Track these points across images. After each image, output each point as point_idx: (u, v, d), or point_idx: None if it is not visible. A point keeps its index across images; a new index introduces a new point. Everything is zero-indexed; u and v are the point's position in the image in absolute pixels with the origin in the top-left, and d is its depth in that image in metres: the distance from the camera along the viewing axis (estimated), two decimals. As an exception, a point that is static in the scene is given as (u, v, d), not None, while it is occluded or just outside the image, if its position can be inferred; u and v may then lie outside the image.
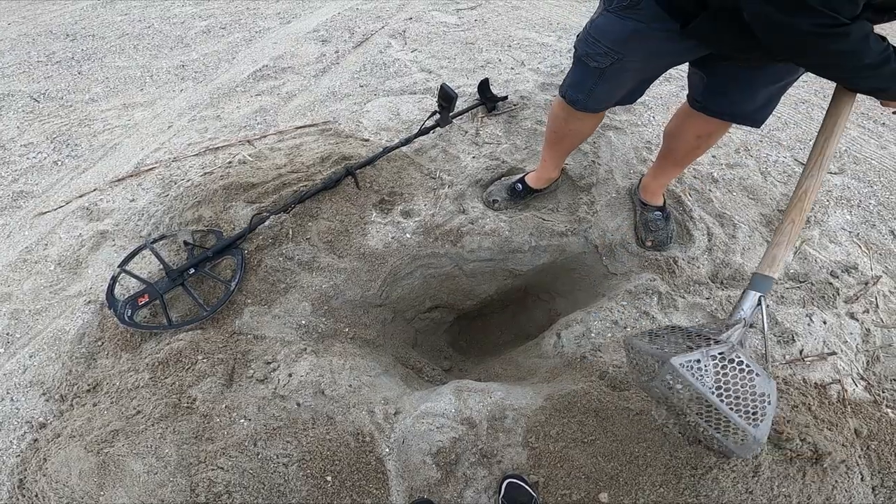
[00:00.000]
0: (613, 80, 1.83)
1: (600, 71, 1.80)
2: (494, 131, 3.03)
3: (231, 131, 3.27)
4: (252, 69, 4.00)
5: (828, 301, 2.25)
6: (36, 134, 3.42)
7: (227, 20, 4.93)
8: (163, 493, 1.70)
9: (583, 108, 2.01)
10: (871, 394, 2.06)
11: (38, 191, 2.96)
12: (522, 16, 4.63)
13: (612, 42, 1.69)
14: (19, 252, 2.56)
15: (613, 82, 1.85)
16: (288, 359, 2.09)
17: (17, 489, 1.77)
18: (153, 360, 2.04)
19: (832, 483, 1.77)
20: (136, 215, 2.66)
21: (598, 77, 1.83)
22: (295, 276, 2.35)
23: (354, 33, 4.44)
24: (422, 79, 3.68)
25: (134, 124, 3.48)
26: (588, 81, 1.89)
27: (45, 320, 2.26)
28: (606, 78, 1.82)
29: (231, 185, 2.56)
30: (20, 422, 1.96)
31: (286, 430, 1.88)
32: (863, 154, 3.02)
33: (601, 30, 1.71)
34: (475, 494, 1.80)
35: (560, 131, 2.29)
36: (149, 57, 4.37)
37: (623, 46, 1.68)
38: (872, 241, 2.54)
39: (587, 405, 1.93)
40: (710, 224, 2.47)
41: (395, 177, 2.71)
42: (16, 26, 5.13)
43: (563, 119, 2.19)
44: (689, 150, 2.19)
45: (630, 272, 2.47)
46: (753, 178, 2.77)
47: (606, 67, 1.76)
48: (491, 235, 2.54)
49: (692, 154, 2.23)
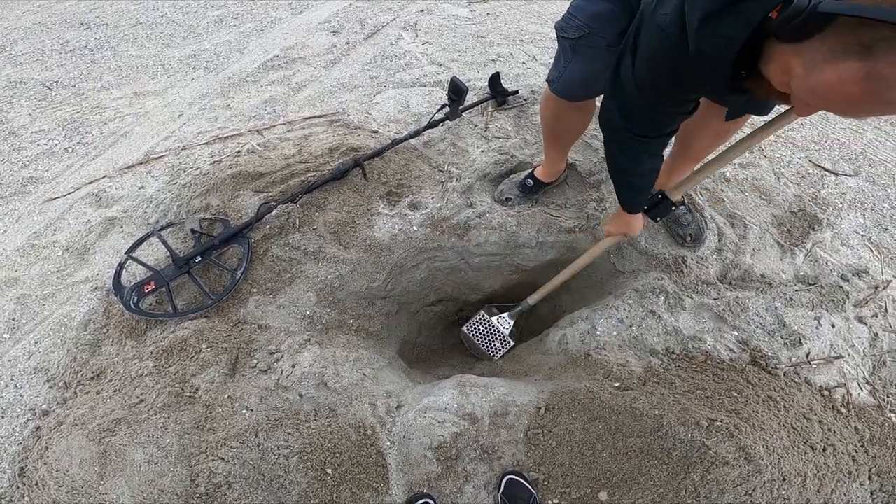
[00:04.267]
0: (585, 57, 1.84)
1: (572, 44, 1.83)
2: (504, 126, 3.01)
3: (241, 121, 3.27)
4: (263, 59, 3.99)
5: (837, 304, 2.22)
6: (47, 121, 3.44)
7: (239, 10, 4.93)
8: (163, 483, 1.71)
9: (557, 91, 2.02)
10: (876, 398, 2.04)
11: (48, 177, 2.98)
12: (535, 10, 4.59)
13: (587, 17, 1.74)
14: (27, 237, 2.57)
15: (585, 61, 1.86)
16: (291, 349, 2.09)
17: (17, 477, 1.79)
18: (157, 349, 2.04)
19: (831, 486, 1.76)
20: (144, 202, 2.67)
21: (572, 52, 1.87)
22: (301, 266, 2.35)
23: (365, 25, 4.42)
24: (432, 71, 3.66)
25: (145, 112, 3.48)
26: (562, 58, 1.93)
27: (52, 306, 2.28)
28: (578, 53, 1.85)
29: (239, 174, 2.56)
30: (23, 409, 1.97)
31: (288, 422, 1.88)
32: (878, 157, 2.97)
33: (579, 7, 1.77)
34: (475, 490, 1.80)
35: (552, 129, 2.32)
36: (161, 46, 4.38)
37: (595, 21, 1.72)
38: (885, 245, 2.50)
39: (590, 403, 1.91)
40: (720, 224, 2.44)
41: (404, 169, 2.70)
42: (30, 15, 5.15)
43: (552, 116, 2.22)
44: (706, 146, 2.16)
45: (637, 270, 2.44)
46: (766, 179, 2.73)
47: (577, 39, 1.79)
48: (498, 230, 2.53)
49: (708, 151, 2.20)
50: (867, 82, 0.86)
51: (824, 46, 0.89)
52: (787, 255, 2.39)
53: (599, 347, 2.20)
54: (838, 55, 0.88)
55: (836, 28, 0.87)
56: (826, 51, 0.89)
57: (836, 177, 2.82)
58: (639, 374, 2.07)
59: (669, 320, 2.20)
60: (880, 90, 0.86)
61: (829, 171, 2.85)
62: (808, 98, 0.99)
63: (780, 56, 1.00)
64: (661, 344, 2.16)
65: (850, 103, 0.93)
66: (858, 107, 0.93)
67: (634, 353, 2.16)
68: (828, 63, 0.90)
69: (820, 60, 0.91)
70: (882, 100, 0.88)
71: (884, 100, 0.88)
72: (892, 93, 0.86)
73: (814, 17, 0.86)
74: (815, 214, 2.53)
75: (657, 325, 2.20)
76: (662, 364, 2.10)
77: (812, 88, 0.96)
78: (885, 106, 0.90)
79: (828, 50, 0.89)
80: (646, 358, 2.13)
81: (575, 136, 2.34)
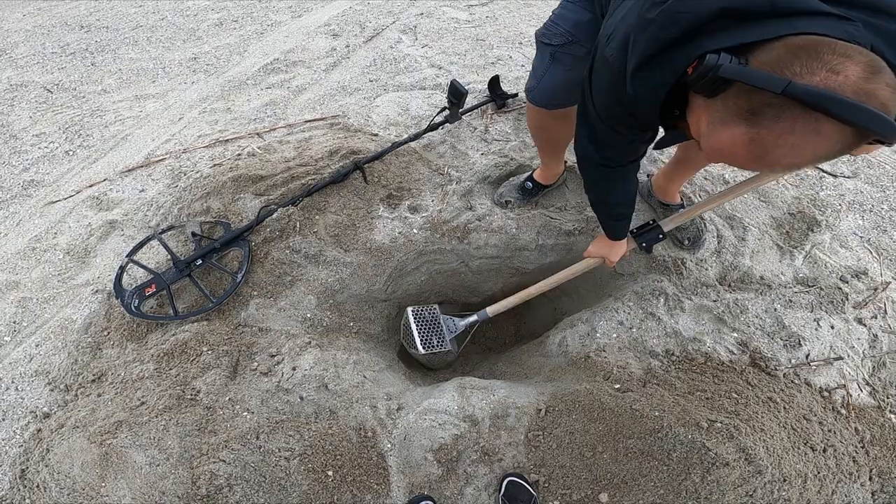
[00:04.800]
0: (565, 65, 1.85)
1: (552, 51, 1.84)
2: (503, 128, 3.02)
3: (241, 124, 3.28)
4: (263, 62, 4.00)
5: (836, 306, 2.23)
6: (48, 124, 3.45)
7: (240, 13, 4.94)
8: (164, 486, 1.71)
9: (534, 100, 2.03)
10: (876, 399, 2.04)
11: (49, 180, 2.98)
12: (534, 13, 4.60)
13: (570, 25, 1.76)
14: (28, 240, 2.58)
15: (565, 69, 1.86)
16: (292, 352, 2.09)
17: (18, 479, 1.79)
18: (158, 351, 2.05)
19: (831, 487, 1.76)
20: (145, 205, 2.67)
21: (551, 59, 1.87)
22: (301, 269, 2.35)
23: (365, 28, 4.44)
24: (432, 74, 3.67)
25: (145, 116, 3.49)
26: (541, 66, 1.94)
27: (53, 309, 2.28)
28: (558, 61, 1.86)
29: (240, 177, 2.57)
30: (24, 411, 1.98)
31: (289, 424, 1.88)
32: (877, 158, 2.98)
33: (561, 16, 1.80)
34: (475, 492, 1.80)
35: (539, 139, 2.35)
36: (161, 49, 4.39)
37: (578, 29, 1.75)
38: (883, 246, 2.50)
39: (590, 405, 1.92)
40: (719, 226, 2.44)
41: (404, 172, 2.71)
42: (31, 18, 5.16)
43: (536, 126, 2.24)
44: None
45: (637, 273, 2.45)
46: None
47: (558, 46, 1.81)
48: (498, 233, 2.53)
49: (708, 161, 2.21)
50: (750, 147, 0.89)
51: (723, 108, 0.92)
52: (786, 257, 2.39)
53: (599, 349, 2.20)
54: (730, 118, 0.90)
55: (733, 91, 0.89)
56: (724, 112, 0.92)
57: (834, 179, 2.83)
58: (639, 375, 2.08)
59: (669, 322, 2.20)
60: (762, 155, 0.89)
61: (827, 172, 2.86)
62: (709, 154, 1.02)
63: (696, 108, 1.02)
64: (661, 346, 2.16)
65: (740, 163, 0.97)
66: (748, 166, 0.96)
67: (634, 355, 2.16)
68: (723, 125, 0.92)
69: (717, 121, 0.94)
70: (765, 163, 0.91)
71: (766, 163, 0.91)
72: (772, 157, 0.88)
73: (716, 79, 0.88)
74: (813, 216, 2.54)
75: (657, 327, 2.20)
76: (662, 366, 2.11)
77: (710, 146, 0.98)
78: (770, 167, 0.92)
79: (725, 111, 0.91)
80: (646, 360, 2.14)
81: (564, 143, 2.34)
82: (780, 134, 0.85)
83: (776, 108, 0.83)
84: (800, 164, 0.91)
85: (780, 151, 0.87)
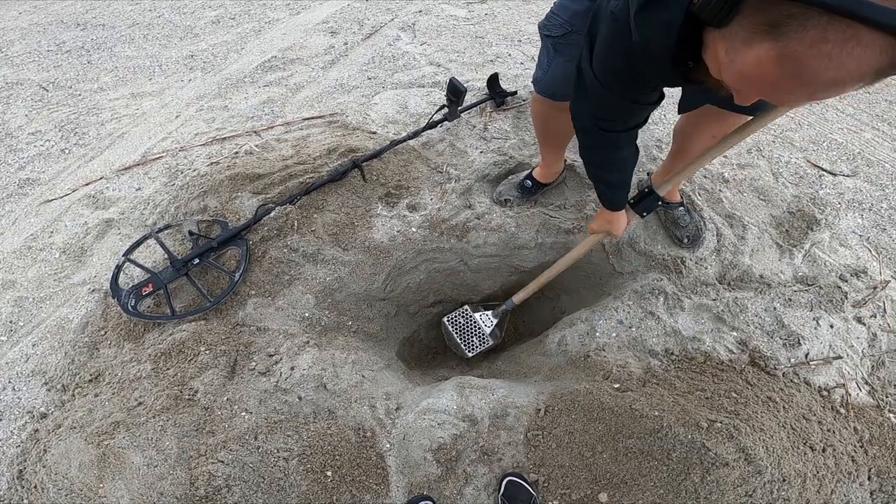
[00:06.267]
0: (567, 56, 1.86)
1: (555, 42, 1.86)
2: (503, 126, 3.01)
3: (238, 122, 3.27)
4: (260, 60, 3.98)
5: (835, 305, 2.23)
6: (44, 122, 3.43)
7: (237, 10, 4.91)
8: (162, 486, 1.70)
9: (541, 91, 2.05)
10: (875, 398, 2.04)
11: (45, 178, 2.96)
12: (533, 10, 4.59)
13: (569, 15, 1.78)
14: (24, 239, 2.56)
15: (567, 59, 1.87)
16: (290, 352, 2.08)
17: (16, 480, 1.78)
18: (156, 351, 2.04)
19: (831, 487, 1.76)
20: (141, 204, 2.66)
21: (554, 51, 1.89)
22: (299, 268, 2.34)
23: (363, 25, 4.42)
24: (430, 72, 3.66)
25: (142, 114, 3.47)
26: (546, 57, 1.96)
27: (49, 308, 2.27)
28: (560, 52, 1.88)
29: (237, 176, 2.55)
30: (21, 412, 1.96)
31: (287, 424, 1.87)
32: (876, 157, 2.98)
33: (561, 6, 1.81)
34: (475, 492, 1.80)
35: (542, 131, 2.35)
36: (158, 47, 4.36)
37: (576, 19, 1.76)
38: (883, 245, 2.50)
39: (590, 405, 1.91)
40: (719, 225, 2.44)
41: (402, 170, 2.70)
42: (27, 15, 5.13)
43: (540, 117, 2.25)
44: (703, 149, 2.15)
45: (637, 271, 2.44)
46: (765, 179, 2.73)
47: (558, 37, 1.83)
48: (497, 231, 2.52)
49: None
50: (782, 63, 0.80)
51: (742, 29, 0.85)
52: (785, 256, 2.39)
53: (599, 349, 2.20)
54: (752, 37, 0.82)
55: (747, 9, 0.82)
56: (743, 33, 0.85)
57: (833, 177, 2.82)
58: (638, 375, 2.07)
59: (668, 321, 2.20)
60: (797, 71, 0.80)
61: (826, 171, 2.86)
62: (737, 84, 0.95)
63: (712, 43, 0.96)
64: (661, 345, 2.16)
65: (774, 87, 0.88)
66: (786, 90, 0.87)
67: (634, 354, 2.15)
68: (746, 46, 0.85)
69: (739, 44, 0.86)
70: (804, 80, 0.81)
71: (805, 80, 0.81)
72: (811, 72, 0.78)
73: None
74: (813, 215, 2.53)
75: (656, 326, 2.20)
76: (662, 365, 2.10)
77: (736, 74, 0.91)
78: (810, 86, 0.82)
79: (744, 32, 0.84)
80: (645, 359, 2.13)
81: (566, 137, 2.33)
82: (812, 43, 0.75)
83: (798, 17, 0.75)
84: (846, 81, 0.79)
85: (819, 64, 0.77)
